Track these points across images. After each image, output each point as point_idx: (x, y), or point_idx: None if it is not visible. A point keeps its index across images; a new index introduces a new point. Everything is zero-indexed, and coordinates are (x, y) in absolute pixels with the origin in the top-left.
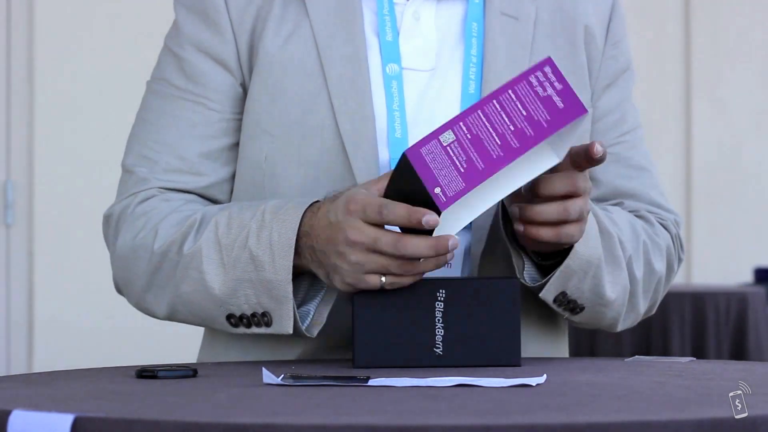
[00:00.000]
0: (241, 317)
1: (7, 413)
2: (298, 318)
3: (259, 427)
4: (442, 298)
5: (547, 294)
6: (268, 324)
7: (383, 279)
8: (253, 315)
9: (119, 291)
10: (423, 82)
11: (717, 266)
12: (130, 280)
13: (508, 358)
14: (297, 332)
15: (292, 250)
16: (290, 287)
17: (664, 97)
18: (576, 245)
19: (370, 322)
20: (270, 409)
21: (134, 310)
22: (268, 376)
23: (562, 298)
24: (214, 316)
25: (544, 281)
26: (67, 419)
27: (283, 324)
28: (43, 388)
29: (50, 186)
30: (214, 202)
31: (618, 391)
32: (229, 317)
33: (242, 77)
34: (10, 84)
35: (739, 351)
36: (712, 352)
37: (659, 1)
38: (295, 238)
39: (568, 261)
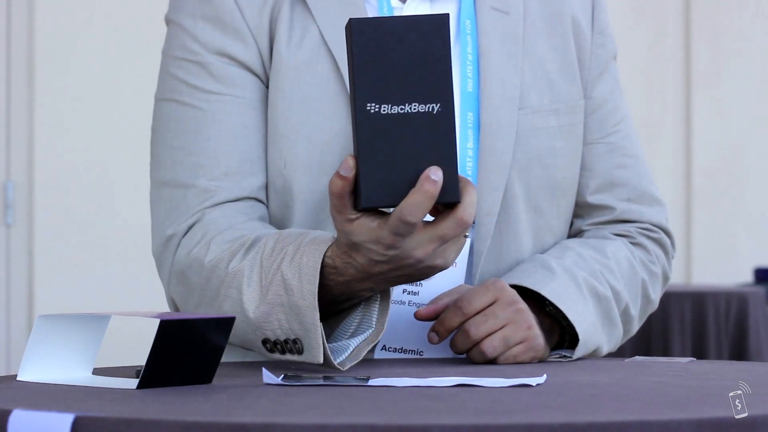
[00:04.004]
0: (276, 342)
1: (7, 413)
2: (327, 348)
3: (259, 427)
4: None
5: None
6: (300, 351)
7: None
8: (286, 341)
9: (176, 309)
10: None
11: (717, 266)
12: (185, 296)
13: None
14: (328, 364)
15: (318, 274)
16: (317, 314)
17: (664, 97)
18: (576, 353)
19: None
20: (270, 409)
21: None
22: (268, 376)
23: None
24: (252, 340)
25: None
26: (67, 419)
27: (313, 353)
28: (43, 388)
29: (50, 186)
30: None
31: (618, 391)
32: (265, 342)
33: (267, 79)
34: (10, 84)
35: (739, 351)
36: (712, 352)
37: (659, 1)
38: (320, 262)
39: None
